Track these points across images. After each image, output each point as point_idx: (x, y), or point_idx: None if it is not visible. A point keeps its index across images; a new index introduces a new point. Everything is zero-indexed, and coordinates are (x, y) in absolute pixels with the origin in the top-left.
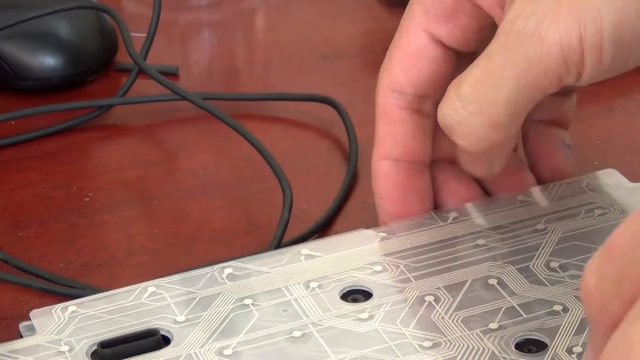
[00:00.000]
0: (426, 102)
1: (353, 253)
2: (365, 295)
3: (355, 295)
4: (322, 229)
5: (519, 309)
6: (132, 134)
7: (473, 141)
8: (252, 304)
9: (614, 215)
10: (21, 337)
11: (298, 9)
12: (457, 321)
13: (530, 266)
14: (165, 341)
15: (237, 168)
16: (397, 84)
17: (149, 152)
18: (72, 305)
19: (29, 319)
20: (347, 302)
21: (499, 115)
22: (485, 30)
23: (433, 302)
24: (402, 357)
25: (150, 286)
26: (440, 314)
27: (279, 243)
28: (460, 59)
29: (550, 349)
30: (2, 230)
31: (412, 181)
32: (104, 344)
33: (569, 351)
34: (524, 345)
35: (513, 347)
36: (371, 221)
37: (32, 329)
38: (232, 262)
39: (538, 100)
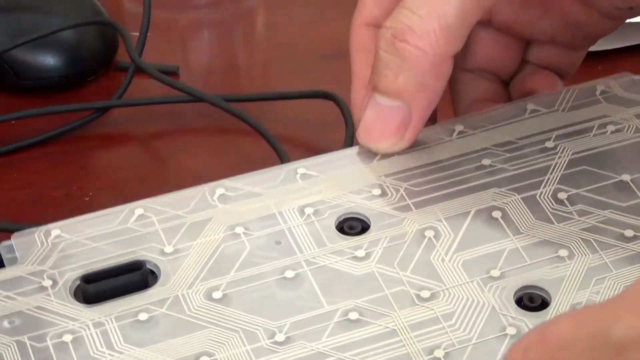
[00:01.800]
0: None
1: (351, 172)
2: (362, 224)
3: (352, 223)
4: None
5: (522, 252)
6: (132, 134)
7: (426, 50)
8: (244, 232)
9: (627, 134)
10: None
11: (298, 9)
12: (457, 265)
13: (537, 196)
14: (151, 274)
15: (238, 168)
16: (371, 17)
17: (149, 152)
18: (55, 229)
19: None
20: (344, 232)
21: (449, 17)
22: None
23: (433, 239)
24: (398, 310)
25: (138, 208)
26: (440, 254)
27: None
28: None
29: (552, 307)
30: None
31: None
32: (87, 279)
33: (572, 309)
34: (525, 298)
35: (514, 301)
36: None
37: (12, 251)
38: (224, 181)
39: (487, 7)
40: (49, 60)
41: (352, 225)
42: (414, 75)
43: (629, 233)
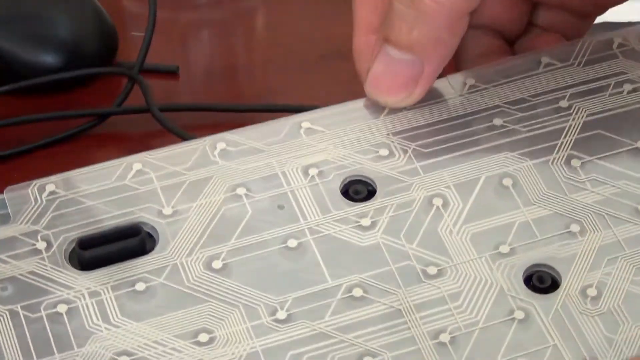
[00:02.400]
0: None
1: (358, 128)
2: (368, 188)
3: (358, 187)
4: None
5: (533, 226)
6: (133, 136)
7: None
8: (245, 194)
9: None
10: None
11: (298, 9)
12: (465, 239)
13: (550, 163)
14: (149, 237)
15: None
16: None
17: None
18: (50, 184)
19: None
20: (349, 197)
21: None
22: None
23: (441, 208)
24: (404, 287)
25: (136, 162)
26: (448, 226)
27: None
28: None
29: (562, 289)
30: None
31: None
32: (82, 244)
33: (583, 293)
34: (534, 278)
35: (523, 280)
36: None
37: (4, 206)
38: (225, 134)
39: None
40: (48, 59)
41: (358, 190)
42: (429, 30)
43: None
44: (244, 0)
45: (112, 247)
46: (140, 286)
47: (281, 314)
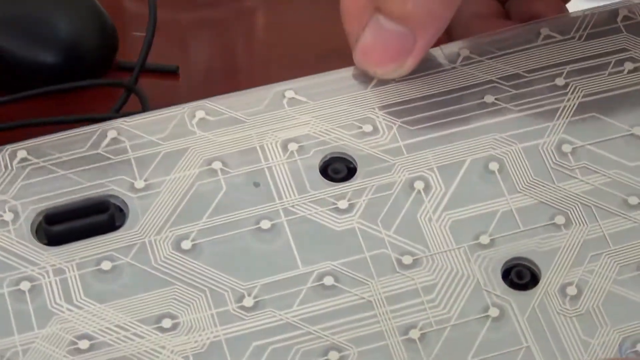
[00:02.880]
0: None
1: (344, 100)
2: (348, 166)
3: (337, 165)
4: None
5: (516, 215)
6: None
7: None
8: (221, 169)
9: None
10: None
11: (298, 9)
12: (445, 227)
13: (539, 147)
14: (119, 211)
15: None
16: None
17: None
18: (22, 150)
19: None
20: (328, 177)
21: None
22: None
23: (422, 192)
24: (377, 277)
25: (111, 129)
26: (428, 212)
27: None
28: None
29: (540, 286)
30: None
31: None
32: (49, 219)
33: (562, 291)
34: (513, 273)
35: (500, 275)
36: None
37: None
38: (205, 102)
39: None
40: (48, 60)
41: (337, 169)
42: (424, 2)
43: (633, 200)
44: (244, 0)
45: (80, 222)
46: (106, 265)
47: (248, 301)
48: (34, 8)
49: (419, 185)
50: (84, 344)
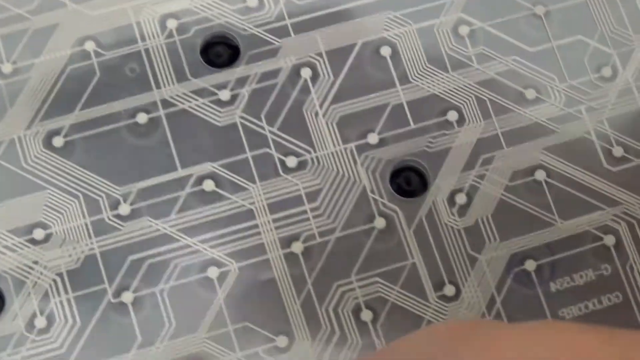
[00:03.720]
0: None
1: None
2: (231, 49)
3: (219, 49)
4: None
5: (407, 110)
6: None
7: None
8: (94, 50)
9: None
10: None
11: None
12: (332, 123)
13: (435, 29)
14: None
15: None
16: None
17: None
18: None
19: None
20: (209, 61)
21: None
22: None
23: (309, 81)
24: (259, 181)
25: None
26: (314, 106)
27: None
28: None
29: (429, 194)
30: None
31: None
32: None
33: (450, 201)
34: (401, 178)
35: (388, 179)
36: None
37: None
38: None
39: None
40: None
41: (219, 53)
42: None
43: (530, 94)
44: None
45: None
46: None
47: (124, 209)
48: None
49: (305, 73)
50: None
